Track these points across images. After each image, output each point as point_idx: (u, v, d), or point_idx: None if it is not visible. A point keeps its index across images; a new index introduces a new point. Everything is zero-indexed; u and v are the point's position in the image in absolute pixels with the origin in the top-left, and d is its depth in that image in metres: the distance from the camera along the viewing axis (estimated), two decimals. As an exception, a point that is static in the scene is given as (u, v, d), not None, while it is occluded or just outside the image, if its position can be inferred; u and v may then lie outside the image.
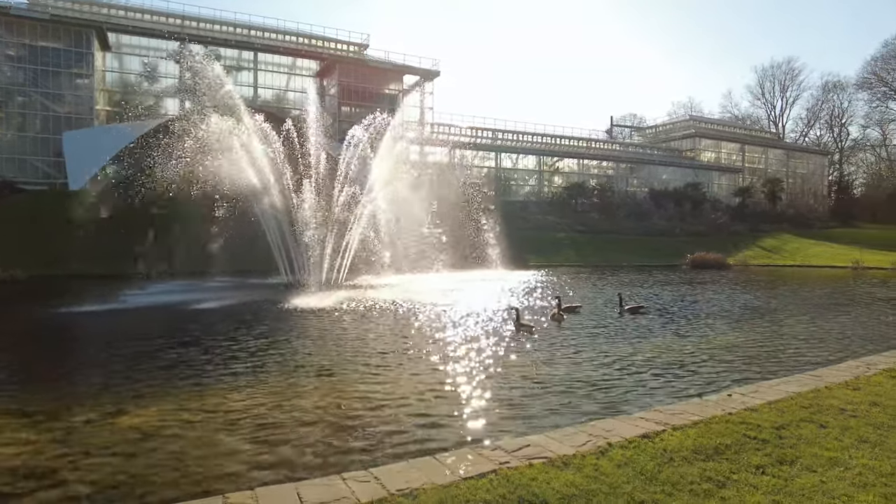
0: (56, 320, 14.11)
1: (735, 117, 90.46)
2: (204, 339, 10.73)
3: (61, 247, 26.22)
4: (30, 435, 5.60)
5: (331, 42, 55.00)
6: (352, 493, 3.60)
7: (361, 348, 10.00)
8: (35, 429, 5.78)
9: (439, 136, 53.11)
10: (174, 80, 50.02)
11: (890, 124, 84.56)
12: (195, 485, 4.44)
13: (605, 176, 64.31)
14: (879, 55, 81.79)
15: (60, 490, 4.41)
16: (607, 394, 7.17)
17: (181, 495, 4.15)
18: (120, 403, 6.60)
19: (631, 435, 4.66)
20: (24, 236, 27.44)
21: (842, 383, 6.37)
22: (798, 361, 9.14)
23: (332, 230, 19.98)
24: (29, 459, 5.00)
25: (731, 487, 3.76)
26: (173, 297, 17.38)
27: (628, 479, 3.85)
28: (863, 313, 15.97)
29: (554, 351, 9.89)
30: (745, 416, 5.20)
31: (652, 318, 14.20)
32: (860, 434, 4.80)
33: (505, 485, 3.72)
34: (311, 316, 13.86)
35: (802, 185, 76.91)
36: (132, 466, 4.87)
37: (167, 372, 8.20)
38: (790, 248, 49.86)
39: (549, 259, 37.70)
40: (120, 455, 5.10)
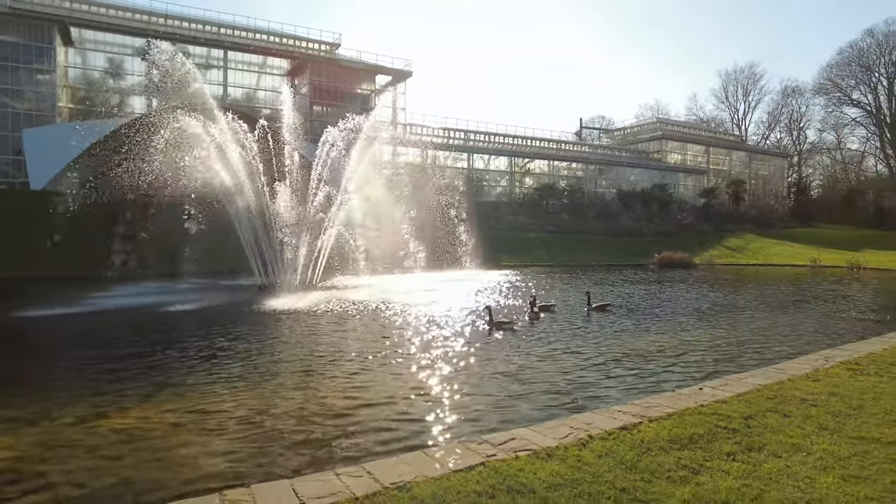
0: (23, 324, 13.72)
1: (700, 120, 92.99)
2: (180, 342, 10.62)
3: (25, 248, 25.40)
4: (9, 440, 5.54)
5: (302, 41, 54.49)
6: (346, 487, 3.72)
7: (342, 349, 10.07)
8: (14, 434, 5.71)
9: (412, 137, 53.20)
10: (140, 78, 48.89)
11: (844, 128, 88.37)
12: (186, 484, 4.49)
13: (575, 177, 65.31)
14: (834, 62, 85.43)
15: (51, 493, 4.41)
16: (584, 387, 7.42)
17: (174, 495, 4.20)
18: (99, 407, 6.56)
19: (610, 427, 4.89)
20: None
21: (803, 376, 6.74)
22: (763, 355, 9.59)
23: (307, 231, 19.89)
24: (15, 464, 4.96)
25: (704, 474, 4.00)
26: (145, 299, 17.09)
27: (609, 468, 4.06)
28: (821, 310, 16.71)
29: (532, 347, 10.14)
30: (716, 407, 5.49)
31: (627, 316, 14.61)
32: (820, 422, 5.13)
33: (494, 476, 3.89)
34: (288, 317, 13.82)
35: (764, 186, 79.44)
36: (121, 468, 4.88)
37: (146, 376, 8.14)
38: (753, 247, 51.51)
39: (521, 259, 38.18)
40: (107, 457, 5.10)
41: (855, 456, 4.37)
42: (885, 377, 6.75)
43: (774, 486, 3.83)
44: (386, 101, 56.73)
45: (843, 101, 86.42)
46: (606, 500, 3.58)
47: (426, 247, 24.76)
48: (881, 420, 5.22)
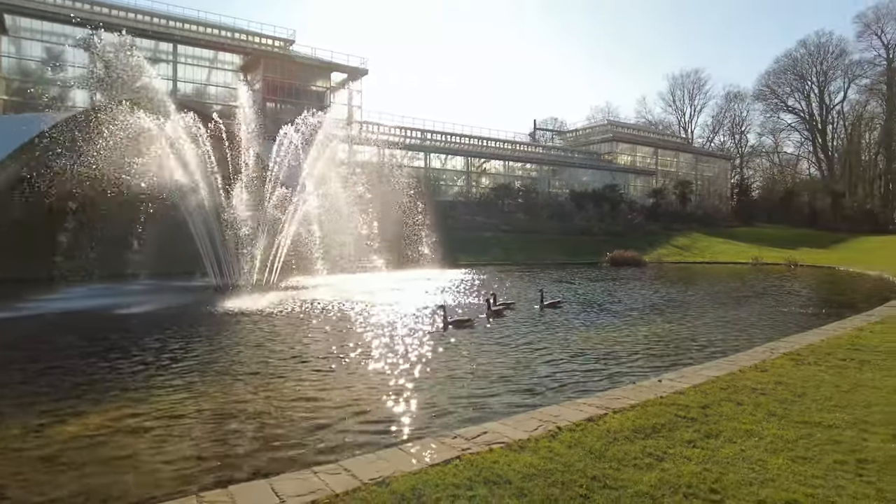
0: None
1: (649, 122, 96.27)
2: (134, 347, 10.24)
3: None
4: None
5: (255, 36, 53.30)
6: (325, 485, 3.74)
7: (306, 350, 9.97)
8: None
9: (369, 136, 52.87)
10: (82, 70, 46.70)
11: (781, 133, 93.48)
12: (156, 488, 4.40)
13: (529, 177, 66.36)
14: (772, 70, 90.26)
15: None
16: (549, 381, 7.64)
17: (146, 498, 4.12)
18: (56, 414, 6.31)
19: (577, 419, 5.08)
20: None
21: (752, 366, 7.15)
22: (715, 347, 10.12)
23: (264, 229, 19.51)
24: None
25: (668, 460, 4.23)
26: (94, 301, 16.35)
27: (579, 457, 4.23)
28: (765, 304, 17.66)
29: (492, 345, 10.32)
30: (674, 398, 5.77)
31: (585, 313, 15.02)
32: (769, 409, 5.48)
33: (470, 469, 3.99)
34: (248, 319, 13.55)
35: (709, 187, 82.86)
36: (82, 477, 4.73)
37: (100, 382, 7.86)
38: (700, 245, 53.69)
39: (478, 258, 38.58)
40: (67, 465, 4.94)
41: (801, 439, 4.70)
42: (824, 366, 7.24)
43: (731, 469, 4.09)
44: (342, 98, 56.21)
45: (780, 107, 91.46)
46: (578, 487, 3.75)
47: (385, 246, 24.69)
48: (822, 406, 5.62)
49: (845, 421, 5.16)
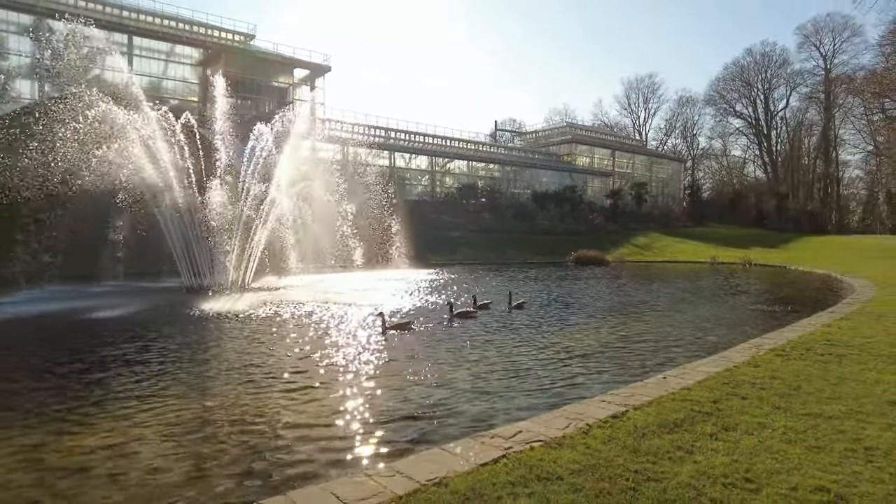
0: None
1: (605, 124, 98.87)
2: (108, 354, 9.89)
3: None
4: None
5: (214, 30, 51.90)
6: (384, 487, 3.80)
7: (296, 353, 9.87)
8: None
9: (335, 133, 52.31)
10: (26, 59, 44.34)
11: (729, 136, 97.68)
12: (212, 497, 4.36)
13: (492, 177, 67.08)
14: (721, 76, 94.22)
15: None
16: (542, 380, 7.85)
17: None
18: (27, 431, 6.10)
19: (602, 416, 5.29)
20: None
21: (744, 363, 7.56)
22: (697, 345, 10.57)
23: (238, 229, 19.08)
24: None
25: (697, 453, 4.48)
26: (60, 304, 15.59)
27: (617, 453, 4.43)
28: (732, 302, 18.52)
29: (490, 344, 10.51)
30: (684, 394, 6.07)
31: (562, 311, 15.37)
32: (772, 402, 5.83)
33: (519, 467, 4.13)
34: (227, 321, 13.25)
35: (663, 188, 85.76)
36: (78, 496, 4.63)
37: (81, 391, 7.61)
38: (659, 245, 55.50)
39: (447, 257, 38.81)
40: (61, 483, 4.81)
41: (809, 429, 5.05)
42: (808, 361, 7.72)
43: (757, 459, 4.37)
44: (304, 95, 55.36)
45: (729, 111, 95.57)
46: (625, 481, 3.94)
47: (356, 245, 24.54)
48: (818, 398, 6.02)
49: (842, 412, 5.55)
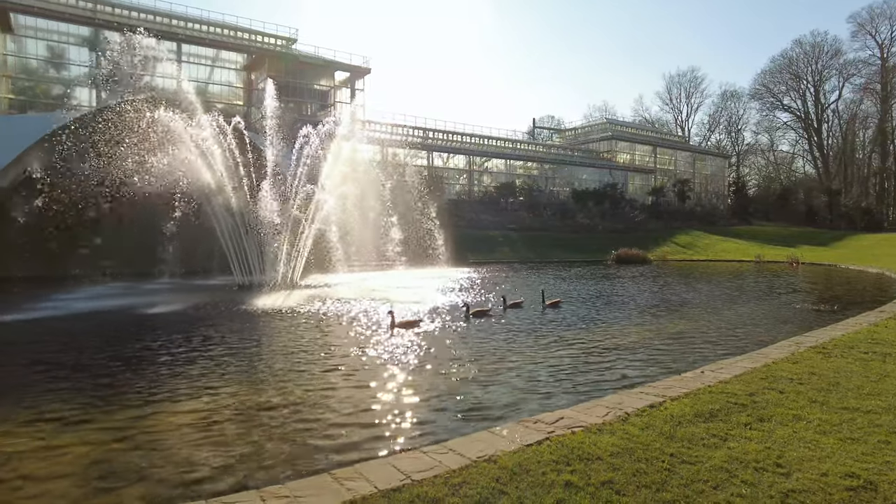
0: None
1: (646, 121, 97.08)
2: (180, 346, 10.63)
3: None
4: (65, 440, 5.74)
5: (258, 35, 53.51)
6: (439, 462, 4.23)
7: (351, 344, 10.42)
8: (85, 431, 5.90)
9: (372, 134, 53.27)
10: (86, 69, 46.89)
11: (777, 131, 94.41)
12: (289, 462, 4.90)
13: (530, 176, 66.94)
14: (767, 69, 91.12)
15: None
16: (588, 375, 8.15)
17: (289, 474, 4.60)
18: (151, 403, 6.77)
19: (640, 406, 5.59)
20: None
21: (783, 359, 7.68)
22: (742, 341, 10.68)
23: (287, 229, 19.92)
24: (101, 456, 5.20)
25: (731, 440, 4.74)
26: (120, 300, 16.63)
27: (654, 438, 4.74)
28: (779, 301, 18.29)
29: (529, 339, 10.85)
30: (721, 387, 6.29)
31: (606, 310, 15.54)
32: (809, 396, 6.00)
33: (562, 448, 4.49)
34: (280, 317, 13.93)
35: (707, 185, 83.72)
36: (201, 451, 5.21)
37: (167, 377, 8.31)
38: (702, 244, 54.39)
39: (486, 256, 39.15)
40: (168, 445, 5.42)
41: (844, 423, 5.22)
42: (850, 359, 7.78)
43: (790, 447, 4.60)
44: (344, 97, 56.50)
45: (776, 105, 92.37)
46: (661, 463, 4.25)
47: (399, 244, 25.18)
48: (857, 394, 6.15)
49: (881, 407, 5.68)
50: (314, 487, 3.83)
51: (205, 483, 4.61)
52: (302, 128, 23.08)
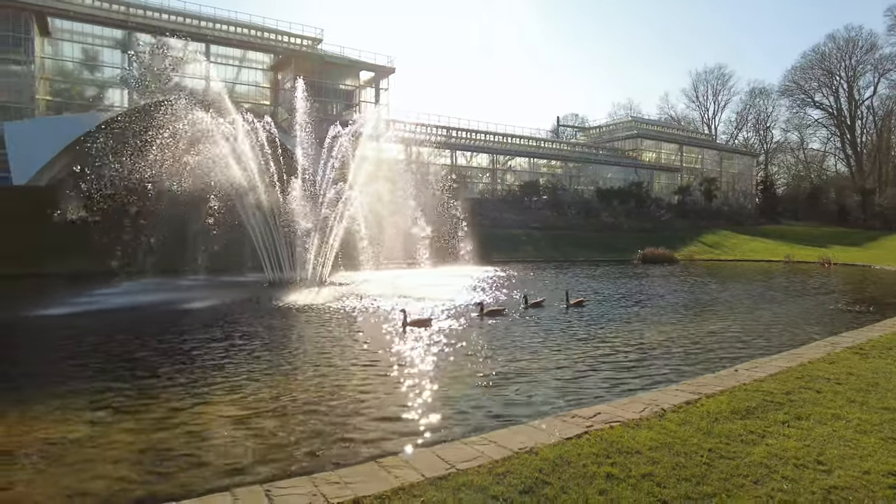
0: (39, 323, 13.29)
1: (672, 119, 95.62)
2: (219, 338, 10.96)
3: (17, 245, 25.04)
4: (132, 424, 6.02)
5: (284, 35, 54.15)
6: (481, 453, 4.35)
7: (380, 340, 10.62)
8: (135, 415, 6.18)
9: (396, 133, 53.57)
10: (118, 70, 48.14)
11: (807, 129, 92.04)
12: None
13: (554, 174, 66.56)
14: (798, 65, 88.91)
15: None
16: (626, 371, 8.20)
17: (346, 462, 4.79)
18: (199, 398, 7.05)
19: (676, 402, 5.63)
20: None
21: (819, 359, 7.62)
22: (773, 342, 10.59)
23: (316, 227, 20.26)
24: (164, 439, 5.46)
25: (770, 437, 4.77)
26: (158, 295, 17.11)
27: (691, 434, 4.79)
28: (811, 302, 18.02)
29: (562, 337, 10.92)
30: (756, 385, 6.29)
31: (636, 308, 15.50)
32: (848, 396, 5.97)
33: (601, 442, 4.58)
34: (311, 313, 14.21)
35: (734, 184, 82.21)
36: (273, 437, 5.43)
37: (212, 367, 8.59)
38: (729, 243, 53.52)
39: (510, 255, 39.13)
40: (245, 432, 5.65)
41: (885, 423, 5.20)
42: (889, 359, 7.69)
43: (830, 445, 4.61)
44: (368, 96, 56.89)
45: (807, 102, 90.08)
46: (700, 457, 4.31)
47: (423, 242, 25.36)
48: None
49: (922, 408, 5.63)
50: (363, 475, 3.98)
51: (250, 470, 4.82)
52: (328, 128, 23.43)
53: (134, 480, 4.66)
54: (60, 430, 5.78)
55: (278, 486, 3.84)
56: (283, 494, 3.65)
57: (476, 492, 3.69)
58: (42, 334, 11.86)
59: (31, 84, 41.79)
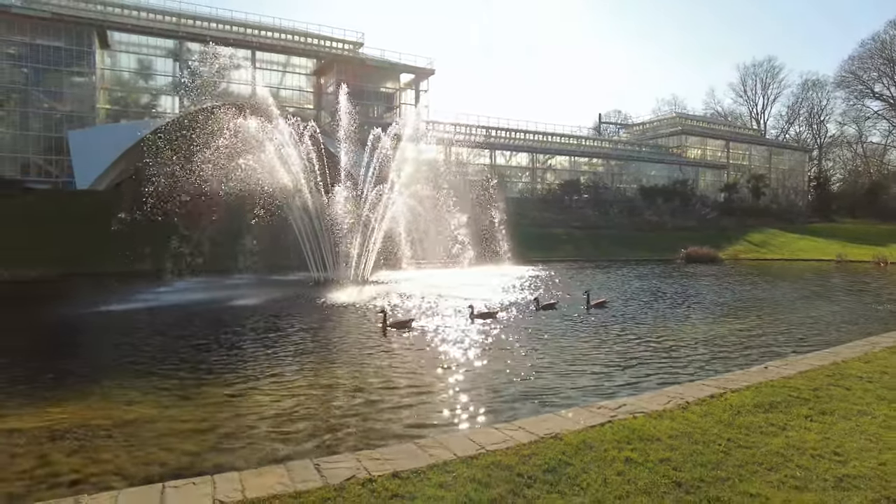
0: (108, 319, 14.17)
1: (718, 114, 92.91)
2: (275, 332, 11.63)
3: (80, 245, 26.78)
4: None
5: (326, 40, 55.49)
6: (510, 437, 4.72)
7: (417, 334, 11.09)
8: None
9: (436, 134, 54.13)
10: (170, 78, 50.42)
11: (866, 121, 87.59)
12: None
13: (595, 173, 65.84)
14: (857, 54, 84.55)
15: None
16: (663, 365, 8.40)
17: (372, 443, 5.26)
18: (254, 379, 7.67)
19: (701, 396, 5.85)
20: (44, 235, 27.96)
21: (854, 358, 7.64)
22: (816, 339, 10.58)
23: (358, 228, 20.95)
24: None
25: (790, 430, 4.95)
26: (208, 293, 18.00)
27: (712, 425, 5.03)
28: (855, 301, 17.57)
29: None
30: (784, 382, 6.43)
31: (681, 306, 15.51)
32: (878, 394, 6.04)
33: (623, 430, 4.87)
34: (356, 310, 14.76)
35: (784, 180, 79.27)
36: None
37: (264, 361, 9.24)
38: (777, 242, 51.82)
39: (549, 254, 39.07)
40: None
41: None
42: (928, 360, 7.63)
43: (850, 439, 4.77)
44: (408, 98, 57.62)
45: (865, 93, 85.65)
46: (718, 446, 4.56)
47: (461, 242, 25.77)
48: (931, 394, 6.12)
49: (955, 407, 5.66)
50: (402, 453, 4.41)
51: (300, 447, 5.36)
52: (369, 131, 24.12)
53: (199, 453, 5.26)
54: (135, 410, 6.47)
55: (326, 460, 4.31)
56: (330, 467, 4.10)
57: (503, 470, 4.06)
58: (108, 328, 12.85)
59: (93, 94, 44.30)
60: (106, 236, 26.96)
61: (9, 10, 40.35)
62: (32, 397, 7.02)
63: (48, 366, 8.75)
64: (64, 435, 5.66)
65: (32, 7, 41.91)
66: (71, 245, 27.31)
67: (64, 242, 27.50)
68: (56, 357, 9.68)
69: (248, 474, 4.04)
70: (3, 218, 29.53)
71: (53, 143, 41.93)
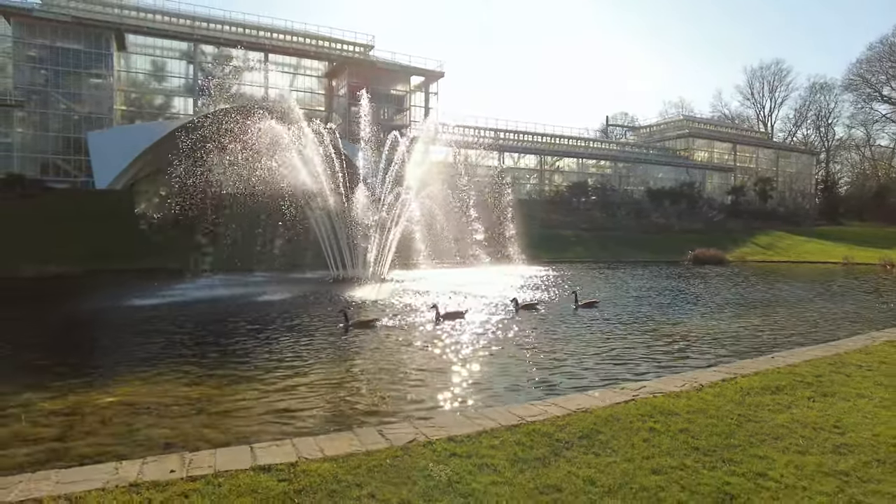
0: (140, 313, 14.70)
1: (725, 117, 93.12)
2: (303, 327, 12.29)
3: (102, 243, 27.57)
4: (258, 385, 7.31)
5: (337, 43, 56.19)
6: (545, 411, 5.33)
7: (436, 328, 11.71)
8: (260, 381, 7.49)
9: (445, 137, 54.76)
10: (184, 80, 51.26)
11: (874, 125, 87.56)
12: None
13: (603, 175, 66.37)
14: (864, 57, 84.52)
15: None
16: (672, 355, 8.99)
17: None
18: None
19: (714, 380, 6.45)
20: (65, 233, 28.78)
21: (855, 350, 8.21)
22: (822, 335, 11.15)
23: (376, 228, 21.63)
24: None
25: (794, 408, 5.55)
26: (232, 289, 18.72)
27: (724, 403, 5.63)
28: (860, 301, 18.09)
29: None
30: (790, 369, 7.01)
31: (694, 306, 16.08)
32: (876, 380, 6.62)
33: (646, 406, 5.48)
34: (376, 306, 15.41)
35: (791, 183, 79.52)
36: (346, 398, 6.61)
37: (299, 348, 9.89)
38: (784, 244, 52.20)
39: (559, 255, 39.68)
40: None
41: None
42: (926, 352, 8.19)
43: (848, 416, 5.36)
44: (418, 101, 58.24)
45: (874, 96, 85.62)
46: (730, 420, 5.16)
47: (473, 243, 26.42)
48: (926, 381, 6.70)
49: (947, 392, 6.24)
50: (453, 422, 5.04)
51: (357, 418, 6.02)
52: (381, 133, 24.78)
53: (266, 423, 5.92)
54: (196, 391, 7.14)
55: (387, 427, 4.94)
56: (393, 433, 4.73)
57: (543, 436, 4.68)
58: (148, 321, 13.48)
59: (110, 96, 45.21)
60: (126, 234, 27.78)
61: (30, 13, 41.27)
62: (110, 378, 7.80)
63: (113, 355, 9.53)
64: (144, 409, 6.34)
65: (53, 10, 42.86)
66: (92, 243, 28.12)
67: (86, 240, 28.32)
68: (118, 349, 10.47)
69: (322, 438, 4.67)
70: (25, 217, 30.45)
71: (72, 143, 42.85)
